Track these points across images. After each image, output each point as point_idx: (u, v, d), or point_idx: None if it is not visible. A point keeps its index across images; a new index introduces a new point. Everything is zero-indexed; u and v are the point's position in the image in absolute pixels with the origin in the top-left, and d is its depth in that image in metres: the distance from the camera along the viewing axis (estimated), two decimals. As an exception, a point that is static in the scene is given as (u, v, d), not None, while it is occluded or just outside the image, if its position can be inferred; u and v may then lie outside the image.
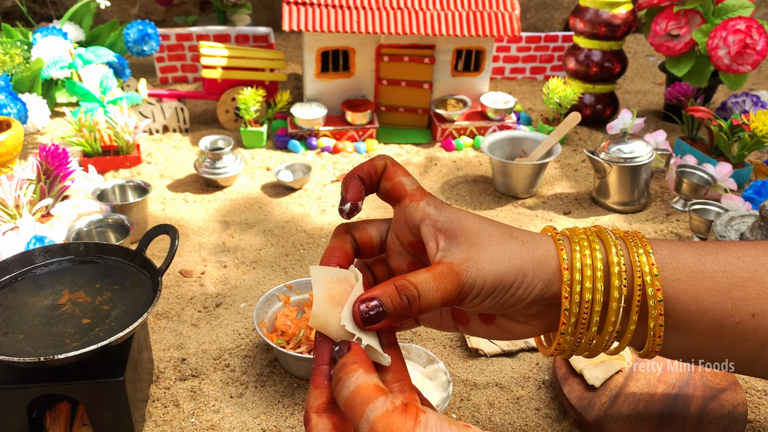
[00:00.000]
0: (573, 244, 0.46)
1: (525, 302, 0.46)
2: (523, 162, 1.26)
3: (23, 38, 1.56)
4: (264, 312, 0.87)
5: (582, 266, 0.45)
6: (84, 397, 0.70)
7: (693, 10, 1.41)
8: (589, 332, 0.46)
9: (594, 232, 0.48)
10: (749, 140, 1.26)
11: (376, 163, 0.48)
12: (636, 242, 0.47)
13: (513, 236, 0.47)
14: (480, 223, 0.47)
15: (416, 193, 0.48)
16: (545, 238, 0.48)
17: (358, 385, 0.37)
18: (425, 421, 0.35)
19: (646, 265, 0.45)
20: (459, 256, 0.44)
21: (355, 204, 0.47)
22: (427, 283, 0.43)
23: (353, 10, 1.37)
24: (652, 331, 0.46)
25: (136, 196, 1.17)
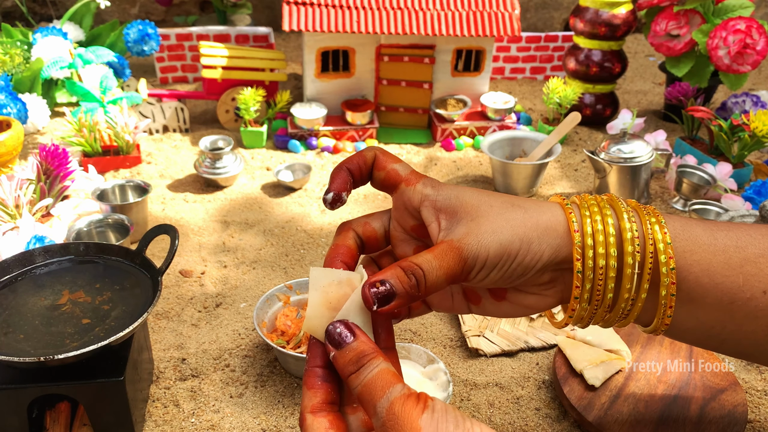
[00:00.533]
0: (583, 209, 0.46)
1: (534, 270, 0.45)
2: (523, 162, 1.26)
3: (23, 38, 1.56)
4: (264, 312, 0.87)
5: (593, 231, 0.44)
6: (84, 397, 0.70)
7: (693, 10, 1.41)
8: (604, 299, 0.46)
9: (605, 199, 0.47)
10: (749, 140, 1.26)
11: (365, 154, 0.48)
12: (648, 212, 0.46)
13: (515, 205, 0.46)
14: (479, 195, 0.46)
15: (411, 177, 0.48)
16: (552, 205, 0.47)
17: (381, 370, 0.40)
18: (432, 407, 0.38)
19: (659, 233, 0.44)
20: (460, 231, 0.44)
21: (338, 194, 0.46)
22: (429, 262, 0.43)
23: (353, 10, 1.37)
24: (663, 300, 0.45)
25: (136, 196, 1.17)
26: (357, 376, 0.40)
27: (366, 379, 0.40)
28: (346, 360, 0.41)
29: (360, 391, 0.40)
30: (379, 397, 0.39)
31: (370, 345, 0.41)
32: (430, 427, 0.37)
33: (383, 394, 0.39)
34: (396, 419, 0.38)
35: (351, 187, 0.47)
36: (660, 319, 0.46)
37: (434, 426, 0.37)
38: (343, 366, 0.41)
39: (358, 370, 0.40)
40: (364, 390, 0.40)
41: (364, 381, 0.40)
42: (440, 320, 0.95)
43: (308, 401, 0.41)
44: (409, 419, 0.38)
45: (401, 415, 0.38)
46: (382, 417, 0.38)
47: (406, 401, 0.38)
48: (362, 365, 0.40)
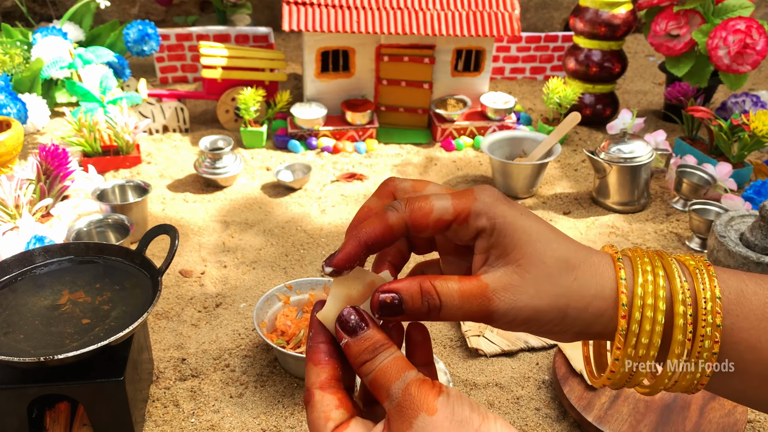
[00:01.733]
0: (636, 277, 0.42)
1: (558, 335, 0.43)
2: (523, 162, 1.26)
3: (23, 38, 1.56)
4: (264, 312, 0.87)
5: (642, 318, 0.41)
6: (84, 397, 0.70)
7: (693, 10, 1.41)
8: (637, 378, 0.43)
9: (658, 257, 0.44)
10: (749, 140, 1.26)
11: (392, 224, 0.41)
12: (703, 277, 0.43)
13: (570, 267, 0.42)
14: (538, 241, 0.42)
15: (459, 212, 0.42)
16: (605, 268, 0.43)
17: (396, 357, 0.40)
18: (447, 391, 0.38)
19: (710, 314, 0.41)
20: (500, 280, 0.41)
21: (338, 271, 0.41)
22: (452, 298, 0.40)
23: (353, 10, 1.37)
24: (699, 373, 0.43)
25: (136, 196, 1.17)
26: (372, 362, 0.40)
27: (382, 364, 0.39)
28: (361, 348, 0.40)
29: (374, 376, 0.39)
30: (395, 379, 0.39)
31: (384, 335, 0.41)
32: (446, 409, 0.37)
33: (399, 377, 0.39)
34: (412, 399, 0.38)
35: (362, 261, 0.42)
36: (692, 387, 0.44)
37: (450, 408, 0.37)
38: (358, 354, 0.40)
39: (373, 358, 0.40)
40: (379, 374, 0.39)
41: (380, 366, 0.39)
42: (440, 320, 0.95)
43: (315, 377, 0.41)
44: (426, 400, 0.38)
45: (417, 395, 0.38)
46: (397, 398, 0.38)
47: (423, 384, 0.38)
48: (378, 353, 0.40)
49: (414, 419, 0.37)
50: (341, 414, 0.40)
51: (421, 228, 0.41)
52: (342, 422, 0.40)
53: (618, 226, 1.20)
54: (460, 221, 0.41)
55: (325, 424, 0.40)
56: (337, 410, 0.40)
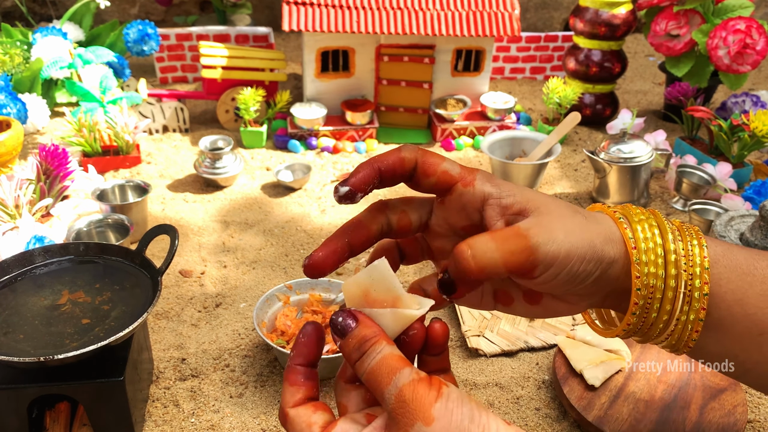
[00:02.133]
0: (633, 223, 0.44)
1: (593, 277, 0.43)
2: (523, 162, 1.26)
3: (23, 38, 1.56)
4: (264, 312, 0.87)
5: (646, 248, 0.43)
6: (84, 397, 0.70)
7: (693, 10, 1.41)
8: (649, 317, 0.44)
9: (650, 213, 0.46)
10: (749, 140, 1.26)
11: (405, 156, 0.43)
12: (690, 232, 0.45)
13: (576, 210, 0.44)
14: (541, 195, 0.44)
15: (465, 175, 0.44)
16: (603, 215, 0.45)
17: (384, 355, 0.38)
18: (447, 394, 0.36)
19: (698, 257, 0.43)
20: (530, 222, 0.41)
21: (354, 192, 0.42)
22: (485, 243, 0.40)
23: (353, 10, 1.37)
24: (690, 324, 0.44)
25: (136, 196, 1.17)
26: (361, 363, 0.39)
27: (370, 366, 0.38)
28: (350, 347, 0.39)
29: (366, 379, 0.38)
30: (385, 384, 0.37)
31: (372, 329, 0.39)
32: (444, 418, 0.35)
33: (390, 381, 0.37)
34: (406, 408, 0.36)
35: (372, 188, 0.43)
36: (684, 341, 0.45)
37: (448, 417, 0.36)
38: (349, 354, 0.39)
39: (361, 357, 0.39)
40: (370, 377, 0.38)
41: (369, 368, 0.38)
42: (440, 320, 0.95)
43: (290, 397, 0.40)
44: (422, 408, 0.36)
45: (412, 402, 0.36)
46: (391, 404, 0.36)
47: (417, 387, 0.36)
48: (364, 351, 0.39)
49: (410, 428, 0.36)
50: (321, 416, 0.40)
51: (429, 172, 0.43)
52: (328, 423, 0.39)
53: (618, 226, 1.20)
54: (465, 183, 0.43)
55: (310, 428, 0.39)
56: (316, 414, 0.40)
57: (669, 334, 0.45)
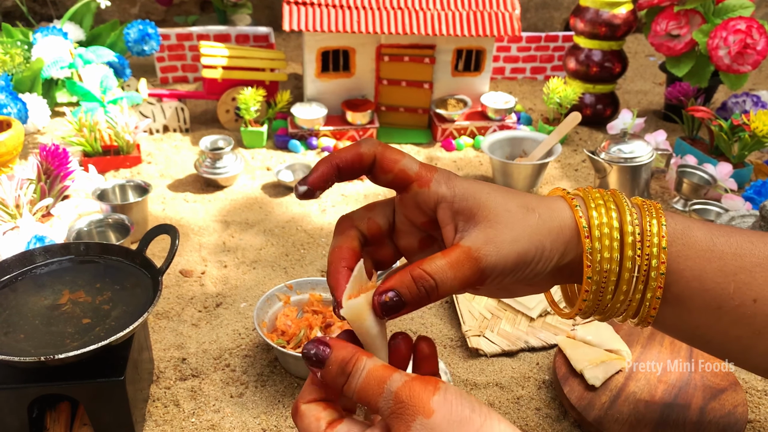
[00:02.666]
0: (590, 209, 0.45)
1: (543, 274, 0.45)
2: (523, 162, 1.26)
3: (23, 38, 1.56)
4: (264, 312, 0.87)
5: (600, 234, 0.44)
6: (84, 397, 0.70)
7: (693, 10, 1.41)
8: (604, 299, 0.46)
9: (608, 195, 0.47)
10: (749, 140, 1.26)
11: (363, 152, 0.44)
12: (651, 211, 0.46)
13: (530, 209, 0.45)
14: (496, 196, 0.44)
15: (422, 174, 0.45)
16: (560, 204, 0.46)
17: (369, 370, 0.39)
18: (444, 388, 0.37)
19: (656, 236, 0.44)
20: (478, 238, 0.43)
21: (312, 190, 0.43)
22: (443, 272, 0.41)
23: (353, 10, 1.37)
24: (648, 302, 0.45)
25: (137, 196, 1.17)
26: (349, 385, 0.39)
27: (358, 385, 0.39)
28: (332, 374, 0.40)
29: (358, 398, 0.39)
30: (378, 395, 0.38)
31: (347, 349, 0.40)
32: (443, 408, 0.36)
33: (381, 391, 0.38)
34: (405, 407, 0.37)
35: (331, 183, 0.44)
36: (643, 318, 0.47)
37: (448, 407, 0.36)
38: (332, 381, 0.40)
39: (347, 380, 0.39)
40: (361, 395, 0.39)
41: (357, 386, 0.39)
42: (440, 320, 0.95)
43: (307, 394, 0.41)
44: (420, 402, 0.36)
45: (410, 400, 0.37)
46: (389, 409, 0.37)
47: (412, 385, 0.37)
48: (349, 373, 0.39)
49: (412, 423, 0.37)
50: (330, 413, 0.40)
51: (386, 169, 0.44)
52: (334, 420, 0.40)
53: (618, 226, 1.20)
54: (421, 184, 0.44)
55: (317, 423, 0.40)
56: (325, 411, 0.40)
57: (625, 310, 0.47)
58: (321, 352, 0.40)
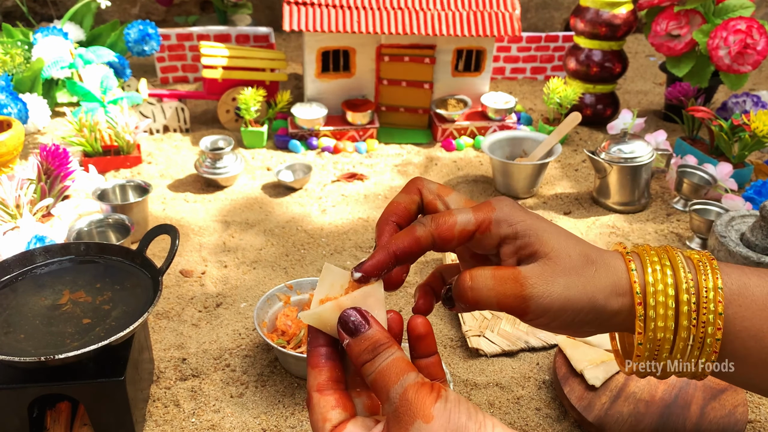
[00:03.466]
0: (646, 274, 0.45)
1: (592, 326, 0.45)
2: (523, 162, 1.26)
3: (24, 38, 1.56)
4: (264, 312, 0.87)
5: (656, 303, 0.44)
6: (84, 397, 0.70)
7: (693, 10, 1.41)
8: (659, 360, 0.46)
9: (665, 252, 0.46)
10: (750, 140, 1.26)
11: (419, 236, 0.43)
12: (707, 270, 0.45)
13: (591, 260, 0.45)
14: (557, 238, 0.45)
15: (481, 222, 0.44)
16: (617, 262, 0.46)
17: (395, 358, 0.40)
18: (446, 396, 0.38)
19: (713, 302, 0.44)
20: (534, 269, 0.43)
21: (367, 277, 0.43)
22: (485, 279, 0.43)
23: (354, 10, 1.37)
24: (702, 365, 0.45)
25: (137, 196, 1.17)
26: (372, 363, 0.40)
27: (381, 366, 0.40)
28: (361, 348, 0.41)
29: (374, 378, 0.40)
30: (393, 383, 0.39)
31: (384, 333, 0.41)
32: (442, 417, 0.37)
33: (397, 380, 0.39)
34: (409, 405, 0.38)
35: (389, 271, 0.44)
36: (696, 375, 0.47)
37: (447, 415, 0.38)
38: (359, 354, 0.41)
39: (373, 358, 0.40)
40: (378, 376, 0.40)
41: (379, 368, 0.40)
42: (441, 320, 0.95)
43: (313, 380, 0.42)
44: (422, 406, 0.38)
45: (414, 401, 0.38)
46: (395, 403, 0.38)
47: (420, 389, 0.38)
48: (378, 353, 0.40)
49: (410, 426, 0.38)
50: (339, 414, 0.41)
51: (447, 240, 0.44)
52: (340, 422, 0.41)
53: (618, 226, 1.20)
54: (482, 230, 0.44)
55: (323, 425, 0.41)
56: (335, 410, 0.41)
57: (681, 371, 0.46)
58: (360, 323, 0.41)
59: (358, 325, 0.41)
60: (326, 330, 0.43)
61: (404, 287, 1.01)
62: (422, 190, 0.47)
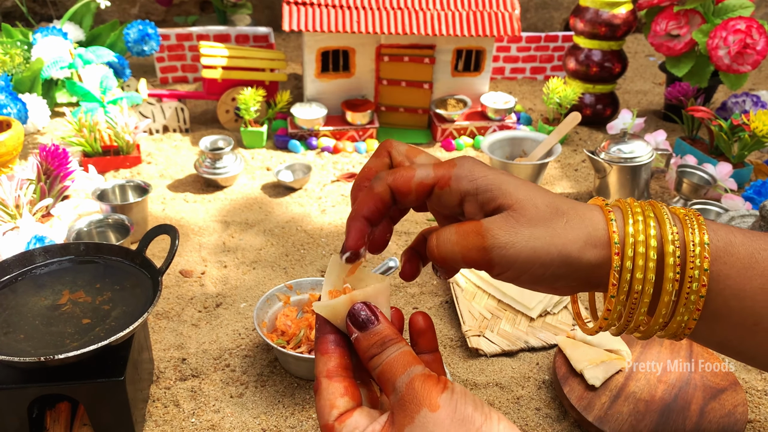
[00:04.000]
0: (627, 224, 0.43)
1: (567, 280, 0.43)
2: (523, 162, 1.26)
3: (23, 38, 1.56)
4: (264, 312, 0.87)
5: (634, 254, 0.42)
6: (84, 397, 0.70)
7: (693, 10, 1.41)
8: (636, 319, 0.44)
9: (650, 206, 0.45)
10: (749, 140, 1.26)
11: (379, 191, 0.43)
12: (693, 226, 0.44)
13: (560, 211, 0.43)
14: (523, 189, 0.43)
15: (440, 176, 0.43)
16: (594, 213, 0.44)
17: (403, 351, 0.40)
18: (452, 388, 0.39)
19: (699, 257, 0.42)
20: (495, 221, 0.42)
21: (356, 252, 0.43)
22: (449, 235, 0.42)
23: (353, 10, 1.37)
24: (684, 322, 0.44)
25: (137, 196, 1.17)
26: (380, 356, 0.40)
27: (389, 358, 0.40)
28: (370, 343, 0.41)
29: (381, 370, 0.40)
30: (400, 373, 0.39)
31: (393, 329, 0.41)
32: (448, 406, 0.38)
33: (404, 371, 0.39)
34: (415, 394, 0.38)
35: (370, 236, 0.44)
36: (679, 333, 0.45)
37: (453, 405, 0.38)
38: (367, 348, 0.41)
39: (381, 352, 0.41)
40: (386, 368, 0.40)
41: (387, 359, 0.40)
42: (440, 320, 0.95)
43: (323, 366, 0.42)
44: (429, 395, 0.38)
45: (421, 391, 0.38)
46: (401, 392, 0.39)
47: (427, 379, 0.39)
48: (386, 347, 0.41)
49: (416, 414, 0.38)
50: (346, 402, 0.41)
51: (404, 192, 0.43)
52: (347, 410, 0.41)
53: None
54: (441, 185, 0.43)
55: (330, 411, 0.41)
56: (342, 398, 0.41)
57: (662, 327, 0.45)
58: (369, 318, 0.41)
59: (367, 320, 0.41)
60: (336, 322, 0.43)
61: (405, 287, 1.01)
62: (392, 152, 0.46)
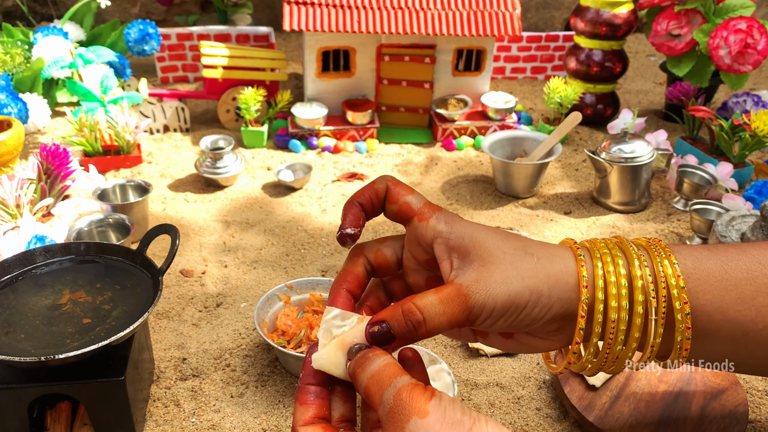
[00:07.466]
0: (595, 259, 0.45)
1: (542, 321, 0.45)
2: (524, 162, 1.26)
3: (24, 38, 1.56)
4: (265, 312, 0.87)
5: (606, 283, 0.44)
6: (85, 397, 0.70)
7: (694, 10, 1.41)
8: (614, 350, 0.45)
9: (616, 243, 0.47)
10: (750, 140, 1.26)
11: (377, 186, 0.48)
12: (659, 252, 0.46)
13: (528, 252, 0.45)
14: (493, 238, 0.45)
15: (424, 211, 0.47)
16: (564, 252, 0.46)
17: (387, 363, 0.41)
18: (440, 395, 0.39)
19: (672, 277, 0.44)
20: (470, 276, 0.44)
21: (352, 234, 0.47)
22: (433, 307, 0.43)
23: (354, 10, 1.37)
24: (678, 344, 0.45)
25: (137, 196, 1.17)
26: (363, 369, 0.41)
27: (373, 371, 0.40)
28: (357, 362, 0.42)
29: (367, 384, 0.40)
30: (386, 385, 0.39)
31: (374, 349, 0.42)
32: (437, 412, 0.38)
33: (390, 383, 0.39)
34: (404, 404, 0.38)
35: (364, 221, 0.48)
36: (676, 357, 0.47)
37: (442, 411, 0.38)
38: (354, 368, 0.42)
39: (364, 363, 0.41)
40: (371, 381, 0.40)
41: (371, 372, 0.40)
42: (441, 320, 0.95)
43: (300, 416, 0.42)
44: (417, 404, 0.38)
45: (409, 400, 0.38)
46: (389, 404, 0.39)
47: (414, 389, 0.39)
48: (368, 358, 0.41)
49: (406, 423, 0.38)
50: None
51: (393, 200, 0.48)
52: None
53: (619, 225, 1.20)
54: (420, 218, 0.47)
55: None
56: None
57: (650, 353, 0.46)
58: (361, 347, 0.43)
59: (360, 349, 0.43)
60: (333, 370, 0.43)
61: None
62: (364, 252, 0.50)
